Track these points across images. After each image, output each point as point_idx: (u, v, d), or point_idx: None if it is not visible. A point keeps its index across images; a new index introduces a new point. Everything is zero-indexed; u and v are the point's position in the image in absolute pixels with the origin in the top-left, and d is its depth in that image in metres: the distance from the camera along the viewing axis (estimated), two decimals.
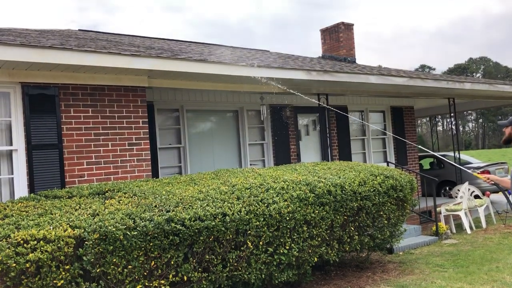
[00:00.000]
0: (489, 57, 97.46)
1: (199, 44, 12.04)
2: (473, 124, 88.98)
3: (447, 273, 6.32)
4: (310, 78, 8.15)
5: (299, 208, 5.22)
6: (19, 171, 5.81)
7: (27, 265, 3.73)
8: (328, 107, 8.68)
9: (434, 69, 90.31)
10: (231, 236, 4.71)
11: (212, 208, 4.64)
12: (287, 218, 5.10)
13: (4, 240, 3.79)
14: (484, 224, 10.07)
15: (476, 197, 10.77)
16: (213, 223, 4.52)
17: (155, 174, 8.00)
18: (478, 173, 5.45)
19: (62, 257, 3.88)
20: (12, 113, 5.84)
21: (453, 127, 12.68)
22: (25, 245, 3.78)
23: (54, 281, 3.84)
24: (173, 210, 4.49)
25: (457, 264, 6.79)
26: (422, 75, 11.30)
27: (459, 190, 10.30)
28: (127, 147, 6.53)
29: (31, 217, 4.28)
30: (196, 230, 4.44)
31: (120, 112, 6.52)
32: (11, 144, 5.83)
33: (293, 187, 5.37)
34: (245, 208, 4.82)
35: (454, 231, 9.79)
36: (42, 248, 3.79)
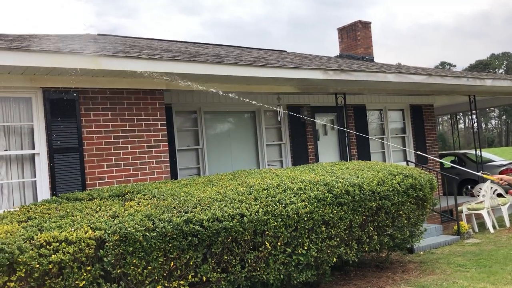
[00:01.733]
0: None
1: (216, 46, 12.11)
2: (496, 121, 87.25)
3: (469, 273, 6.23)
4: (327, 78, 8.12)
5: (317, 209, 5.21)
6: (42, 175, 5.94)
7: (50, 266, 3.81)
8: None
9: (454, 65, 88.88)
10: (249, 236, 4.73)
11: (230, 209, 4.67)
12: (305, 219, 5.10)
13: (27, 241, 3.88)
14: (507, 223, 9.88)
15: (499, 195, 10.56)
16: (231, 224, 4.55)
17: (174, 175, 8.08)
18: (489, 175, 5.31)
19: (83, 258, 3.95)
20: (34, 117, 5.97)
21: (475, 124, 12.47)
22: (47, 246, 3.86)
23: (76, 282, 3.92)
24: (191, 211, 4.53)
25: (479, 264, 6.68)
26: (441, 72, 11.15)
27: (481, 189, 10.12)
28: (146, 149, 6.62)
29: (53, 219, 4.37)
30: (214, 231, 4.48)
31: (139, 115, 6.61)
32: (33, 148, 5.96)
33: (310, 188, 5.36)
34: (262, 208, 4.84)
35: (477, 230, 9.63)
36: (64, 249, 3.87)
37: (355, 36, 13.92)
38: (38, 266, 3.76)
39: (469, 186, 13.67)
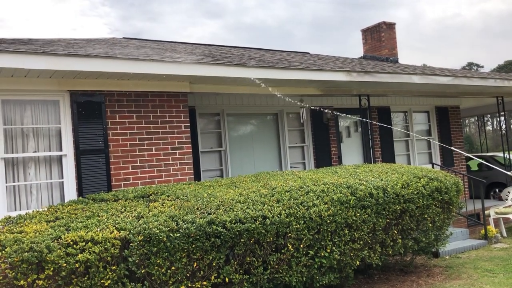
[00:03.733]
0: None
1: (239, 48, 12.17)
2: None
3: (497, 278, 6.09)
4: (350, 79, 8.07)
5: (340, 211, 5.19)
6: (69, 175, 6.08)
7: (77, 265, 3.90)
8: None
9: (482, 66, 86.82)
10: (271, 238, 4.74)
11: (252, 210, 4.69)
12: (328, 221, 5.08)
13: (55, 241, 3.98)
14: None
15: None
16: (254, 226, 4.56)
17: (197, 177, 8.15)
18: None
19: (109, 258, 4.03)
20: (62, 120, 6.12)
21: (503, 126, 12.19)
22: (74, 246, 3.96)
23: (102, 281, 4.00)
24: (214, 213, 4.57)
25: (508, 269, 6.52)
26: (467, 73, 10.93)
27: (509, 192, 9.88)
28: (170, 151, 6.70)
29: (79, 219, 4.47)
30: (237, 232, 4.50)
31: (163, 118, 6.69)
32: (61, 150, 6.11)
33: (333, 190, 5.34)
34: (285, 211, 4.84)
35: (505, 234, 9.40)
36: (90, 249, 3.96)
37: (379, 37, 13.79)
38: (65, 265, 3.86)
39: (497, 190, 13.36)
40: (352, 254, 5.37)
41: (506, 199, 10.00)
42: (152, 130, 6.59)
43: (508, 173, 5.66)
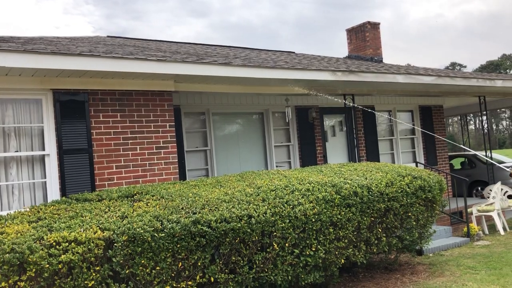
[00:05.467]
0: None
1: (224, 47, 12.14)
2: (507, 122, 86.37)
3: (479, 275, 6.18)
4: (335, 79, 8.11)
5: (325, 210, 5.21)
6: (51, 175, 6.00)
7: (60, 266, 3.85)
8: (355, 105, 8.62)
9: (465, 66, 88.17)
10: (256, 237, 4.74)
11: (237, 210, 4.68)
12: (313, 220, 5.10)
13: (38, 241, 3.92)
14: None
15: (510, 197, 10.46)
16: (239, 225, 4.56)
17: (182, 176, 8.12)
18: None
19: (92, 258, 3.99)
20: (44, 119, 6.03)
21: (485, 125, 12.37)
22: (57, 246, 3.90)
23: (85, 282, 3.95)
24: (199, 212, 4.55)
25: (489, 266, 6.62)
26: (451, 73, 11.07)
27: (491, 190, 10.03)
28: (155, 151, 6.65)
29: (62, 220, 4.41)
30: (222, 232, 4.49)
31: (148, 116, 6.65)
32: (43, 149, 6.02)
33: (318, 189, 5.36)
34: (270, 210, 4.85)
35: (487, 232, 9.55)
36: (73, 249, 3.91)
37: (364, 37, 13.88)
38: (48, 266, 3.80)
39: (479, 188, 13.57)
40: (337, 253, 5.39)
41: (488, 197, 10.15)
42: (136, 129, 6.54)
43: (508, 170, 5.73)
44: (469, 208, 9.62)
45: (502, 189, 10.13)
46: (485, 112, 11.92)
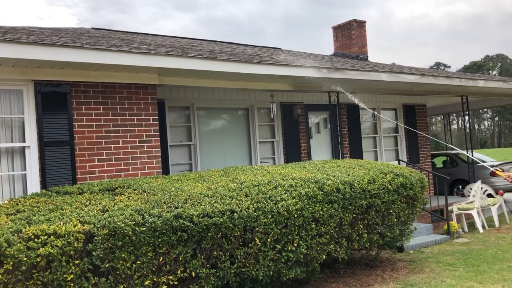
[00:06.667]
0: (506, 54, 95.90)
1: (210, 42, 12.09)
2: (489, 123, 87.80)
3: (458, 272, 6.28)
4: (320, 76, 8.13)
5: (308, 206, 5.23)
6: (32, 168, 5.91)
7: (38, 259, 3.80)
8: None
9: (449, 66, 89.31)
10: (239, 232, 4.74)
11: (220, 205, 4.67)
12: (295, 216, 5.11)
13: (15, 234, 3.86)
14: (497, 223, 9.96)
15: (489, 196, 10.64)
16: (221, 220, 4.55)
17: (165, 171, 8.07)
18: (500, 171, 5.37)
19: (72, 252, 3.94)
20: (25, 110, 5.93)
21: (466, 125, 12.55)
22: (36, 239, 3.85)
23: (64, 275, 3.91)
24: (181, 207, 4.53)
25: (468, 263, 6.73)
26: (434, 72, 11.19)
27: (471, 189, 10.19)
28: (137, 144, 6.60)
29: (42, 213, 4.35)
30: (204, 227, 4.48)
31: (131, 110, 6.58)
32: (24, 141, 5.93)
33: (301, 185, 5.38)
34: (253, 205, 4.85)
35: (466, 230, 9.70)
36: (52, 243, 3.86)
37: (350, 35, 13.94)
38: (25, 259, 3.75)
39: (460, 186, 13.76)
40: (318, 248, 5.42)
41: (468, 196, 10.31)
42: (119, 123, 6.47)
43: (491, 168, 5.81)
44: (450, 206, 9.76)
45: (482, 188, 10.29)
46: (467, 112, 12.08)
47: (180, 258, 4.43)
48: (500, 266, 6.44)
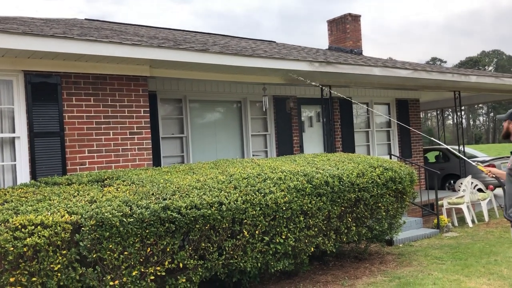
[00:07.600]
0: (502, 50, 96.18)
1: (204, 34, 12.05)
2: (484, 118, 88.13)
3: (445, 265, 6.34)
4: (312, 69, 8.14)
5: (296, 198, 5.26)
6: (22, 158, 5.90)
7: (25, 249, 3.81)
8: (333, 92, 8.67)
9: (445, 62, 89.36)
10: (227, 224, 4.77)
11: (208, 196, 4.69)
12: (284, 208, 5.14)
13: (2, 224, 3.87)
14: (486, 218, 10.05)
15: (480, 190, 10.73)
16: (209, 212, 4.57)
17: (157, 163, 8.08)
18: (483, 166, 5.42)
19: (59, 242, 3.95)
20: (15, 100, 5.92)
21: (459, 120, 12.61)
22: (23, 229, 3.86)
23: (51, 266, 3.92)
24: (169, 198, 4.55)
25: (455, 257, 6.80)
26: (427, 67, 11.22)
27: (462, 184, 10.26)
28: (128, 136, 6.60)
29: (29, 203, 4.36)
30: (192, 218, 4.50)
31: (122, 101, 6.58)
32: (13, 132, 5.92)
33: (290, 178, 5.40)
34: (241, 197, 4.87)
35: (456, 224, 9.78)
36: (39, 233, 3.87)
37: (345, 29, 13.93)
38: (12, 249, 3.76)
39: (451, 181, 13.85)
40: (307, 241, 5.46)
41: (459, 190, 10.38)
42: (110, 114, 6.47)
43: (473, 163, 5.85)
44: (440, 200, 9.83)
45: (472, 183, 10.37)
46: (460, 107, 12.13)
47: (168, 249, 4.46)
48: (487, 260, 6.51)
